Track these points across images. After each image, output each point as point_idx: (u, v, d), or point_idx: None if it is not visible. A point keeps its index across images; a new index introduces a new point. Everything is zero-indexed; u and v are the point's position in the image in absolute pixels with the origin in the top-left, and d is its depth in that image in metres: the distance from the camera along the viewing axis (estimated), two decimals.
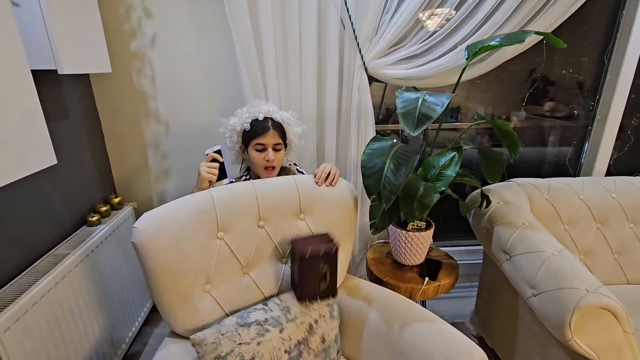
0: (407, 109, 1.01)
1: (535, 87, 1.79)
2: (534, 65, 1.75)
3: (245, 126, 1.17)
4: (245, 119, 1.17)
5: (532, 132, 1.93)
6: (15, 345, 0.88)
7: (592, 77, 1.75)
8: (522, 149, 1.95)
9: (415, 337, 0.95)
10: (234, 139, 1.20)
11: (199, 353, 0.85)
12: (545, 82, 1.81)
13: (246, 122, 1.17)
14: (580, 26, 1.67)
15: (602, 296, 0.94)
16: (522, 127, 1.90)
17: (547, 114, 1.87)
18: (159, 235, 0.88)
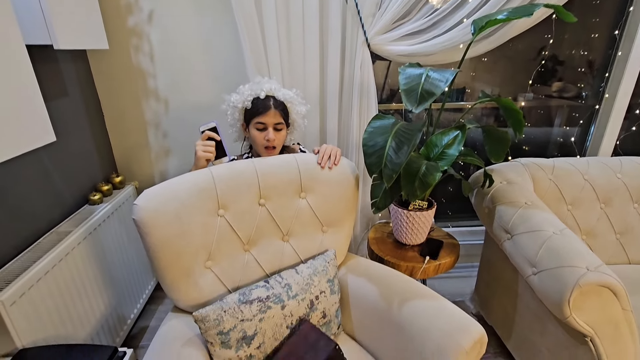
0: (410, 85, 0.98)
1: (543, 66, 1.74)
2: (543, 43, 1.69)
3: (247, 104, 1.14)
4: (247, 96, 1.14)
5: (539, 112, 1.89)
6: (21, 319, 0.90)
7: (602, 54, 1.70)
8: (528, 129, 1.93)
9: (415, 314, 0.96)
10: (236, 116, 1.18)
11: (201, 329, 0.87)
12: (554, 61, 1.76)
13: (247, 99, 1.14)
14: (590, 1, 1.61)
15: (603, 274, 0.94)
16: (529, 107, 1.86)
17: (554, 94, 1.83)
18: (160, 212, 0.88)
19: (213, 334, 0.87)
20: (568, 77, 1.78)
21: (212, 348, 0.87)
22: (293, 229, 1.11)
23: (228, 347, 0.88)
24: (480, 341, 0.88)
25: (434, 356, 0.87)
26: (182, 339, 0.88)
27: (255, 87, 1.15)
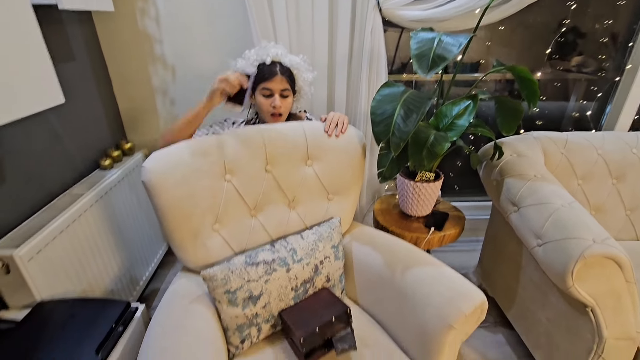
0: (422, 50, 0.95)
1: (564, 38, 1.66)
2: (564, 13, 1.61)
3: (252, 70, 1.12)
4: (252, 62, 1.12)
5: (555, 85, 1.83)
6: (39, 274, 0.95)
7: (627, 24, 1.61)
8: (542, 103, 1.87)
9: (417, 280, 0.98)
10: None
11: (209, 287, 0.90)
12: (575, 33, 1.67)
13: (253, 65, 1.12)
14: None
15: (609, 246, 0.94)
16: (545, 81, 1.79)
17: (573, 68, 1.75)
18: (168, 174, 0.90)
19: (220, 293, 0.90)
20: (589, 49, 1.70)
21: (220, 306, 0.91)
22: (299, 196, 1.12)
23: (235, 306, 0.91)
24: (481, 307, 0.90)
25: (434, 320, 0.89)
26: (190, 296, 0.92)
27: (261, 52, 1.12)
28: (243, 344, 0.95)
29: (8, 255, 0.88)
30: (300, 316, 0.94)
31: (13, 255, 0.88)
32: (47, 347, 0.78)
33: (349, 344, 0.91)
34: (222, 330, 0.93)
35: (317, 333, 0.89)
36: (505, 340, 1.45)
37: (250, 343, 0.97)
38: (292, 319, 0.93)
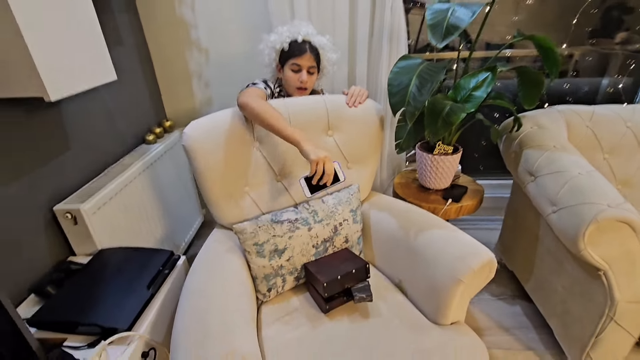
0: (436, 20, 1.00)
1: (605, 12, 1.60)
2: None
3: (285, 45, 1.20)
4: (285, 38, 1.20)
5: (589, 60, 1.77)
6: (100, 226, 1.11)
7: None
8: (576, 80, 1.82)
9: (430, 241, 1.05)
10: (272, 56, 1.24)
11: (240, 239, 1.03)
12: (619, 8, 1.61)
13: (285, 41, 1.20)
14: None
15: (624, 210, 0.95)
16: (581, 56, 1.74)
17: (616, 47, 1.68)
18: (204, 140, 1.02)
19: (250, 244, 1.02)
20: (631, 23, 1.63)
21: (249, 256, 1.03)
22: None
23: (262, 257, 1.03)
24: (489, 264, 0.95)
25: (444, 276, 0.96)
26: (225, 246, 1.05)
27: (293, 30, 1.20)
28: (270, 292, 1.07)
29: (76, 208, 1.05)
30: (323, 267, 1.04)
31: (80, 209, 1.04)
32: (108, 283, 0.94)
33: (367, 294, 1.00)
34: (251, 279, 1.05)
35: (338, 280, 0.98)
36: (522, 311, 1.48)
37: (276, 292, 1.09)
38: (316, 269, 1.03)
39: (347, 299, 1.03)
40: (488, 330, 1.41)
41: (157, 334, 0.93)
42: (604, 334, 1.04)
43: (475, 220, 2.05)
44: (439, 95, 1.26)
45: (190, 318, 0.80)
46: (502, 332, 1.40)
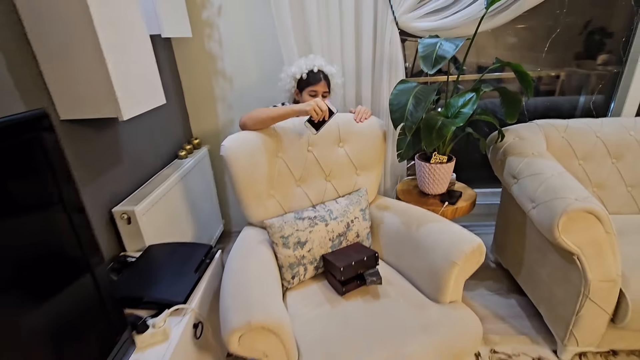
0: (426, 52, 1.24)
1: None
2: (557, 15, 1.81)
3: (303, 75, 1.45)
4: (304, 69, 1.45)
5: (563, 80, 2.01)
6: (147, 226, 1.31)
7: (624, 21, 1.78)
8: (551, 98, 2.06)
9: (428, 232, 1.24)
10: (292, 84, 1.49)
11: (269, 232, 1.22)
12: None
13: (304, 72, 1.45)
14: None
15: (588, 203, 1.15)
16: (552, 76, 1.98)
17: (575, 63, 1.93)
18: (238, 151, 1.24)
19: (277, 237, 1.21)
20: (590, 45, 1.88)
21: (277, 248, 1.22)
22: (333, 171, 1.42)
23: (287, 248, 1.22)
24: (479, 248, 1.13)
25: (441, 260, 1.14)
26: (256, 239, 1.24)
27: (309, 63, 1.46)
28: (293, 280, 1.25)
29: (131, 210, 1.25)
30: (339, 256, 1.23)
31: (134, 210, 1.25)
32: (161, 268, 1.13)
33: (377, 277, 1.18)
34: (278, 269, 1.24)
35: (352, 266, 1.17)
36: (516, 303, 1.64)
37: (299, 280, 1.27)
38: (333, 257, 1.22)
39: (360, 283, 1.21)
40: (486, 319, 1.57)
41: (202, 310, 1.11)
42: (583, 311, 1.21)
43: (472, 225, 2.24)
44: (433, 112, 1.49)
45: (235, 288, 0.98)
46: (499, 321, 1.56)
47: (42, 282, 0.66)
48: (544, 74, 1.95)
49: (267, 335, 0.91)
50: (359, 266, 1.19)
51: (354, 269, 1.18)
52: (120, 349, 0.83)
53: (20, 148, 0.62)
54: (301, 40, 1.65)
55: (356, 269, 1.18)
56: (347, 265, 1.16)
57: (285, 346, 0.94)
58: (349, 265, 1.17)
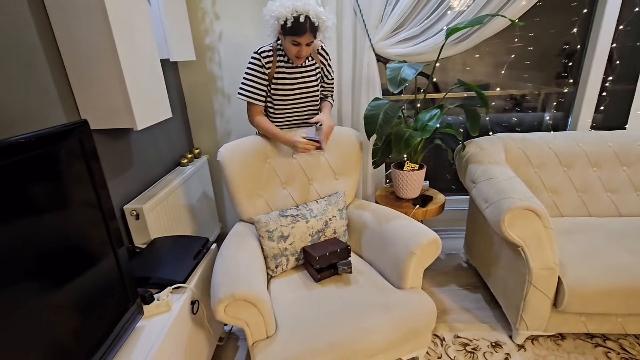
0: (393, 75, 1.47)
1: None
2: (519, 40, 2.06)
3: (288, 22, 1.31)
4: (288, 14, 1.30)
5: (526, 98, 2.24)
6: (153, 222, 1.51)
7: (573, 46, 2.03)
8: (519, 114, 2.28)
9: (394, 228, 1.43)
10: (275, 26, 1.38)
11: (257, 227, 1.42)
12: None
13: (289, 18, 1.30)
14: (567, 2, 1.96)
15: (528, 202, 1.35)
16: (517, 95, 2.22)
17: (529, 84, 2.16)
18: (232, 156, 1.46)
19: (263, 231, 1.41)
20: (553, 67, 2.12)
21: (263, 240, 1.42)
22: (315, 176, 1.63)
23: (272, 241, 1.42)
24: (435, 241, 1.33)
25: (403, 251, 1.34)
26: (246, 233, 1.44)
27: (297, 4, 1.29)
28: (277, 269, 1.44)
29: (140, 207, 1.46)
30: (316, 248, 1.42)
31: (142, 207, 1.45)
32: (165, 255, 1.33)
33: (348, 267, 1.37)
34: (263, 258, 1.43)
35: (327, 256, 1.36)
36: (482, 298, 1.82)
37: (282, 270, 1.46)
38: (311, 249, 1.41)
39: (334, 272, 1.40)
40: (453, 311, 1.74)
41: (199, 290, 1.30)
42: (529, 296, 1.39)
43: (449, 229, 2.43)
44: (403, 125, 1.72)
45: (224, 269, 1.18)
46: (464, 312, 1.73)
47: (80, 259, 0.86)
48: (505, 93, 2.17)
49: (248, 307, 1.10)
50: (333, 257, 1.38)
51: (328, 259, 1.37)
52: (131, 315, 1.02)
53: (67, 151, 0.83)
54: None
55: (330, 259, 1.38)
56: (322, 255, 1.36)
57: (264, 318, 1.13)
58: (324, 255, 1.36)
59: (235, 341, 1.63)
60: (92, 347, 0.86)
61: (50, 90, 1.15)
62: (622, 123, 2.07)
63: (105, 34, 1.15)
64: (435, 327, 1.64)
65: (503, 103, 2.24)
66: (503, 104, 2.24)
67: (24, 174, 0.70)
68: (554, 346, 1.49)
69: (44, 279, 0.74)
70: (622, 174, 1.78)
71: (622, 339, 1.52)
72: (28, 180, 0.71)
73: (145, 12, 1.34)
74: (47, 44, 1.15)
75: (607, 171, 1.79)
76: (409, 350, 1.31)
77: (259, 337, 1.15)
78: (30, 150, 0.72)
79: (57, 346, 0.77)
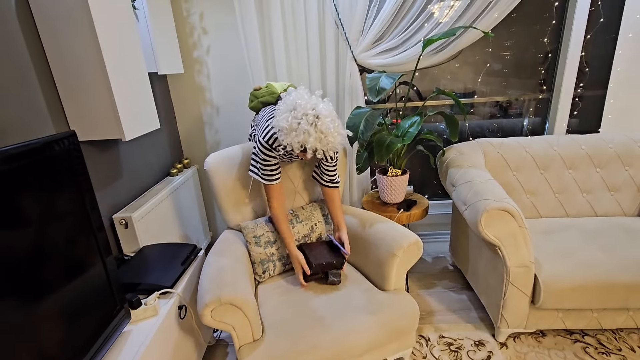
0: (372, 85, 1.54)
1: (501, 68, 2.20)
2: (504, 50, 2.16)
3: (294, 151, 1.20)
4: (296, 147, 1.18)
5: (505, 104, 2.33)
6: (142, 231, 1.54)
7: (548, 55, 2.13)
8: (500, 120, 2.37)
9: (376, 230, 1.48)
10: (280, 138, 1.21)
11: (244, 233, 1.46)
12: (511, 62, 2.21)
13: (297, 149, 1.19)
14: (539, 14, 2.06)
15: (503, 203, 1.41)
16: (500, 102, 2.31)
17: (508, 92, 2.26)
18: (219, 165, 1.50)
19: (250, 237, 1.45)
20: (529, 75, 2.22)
21: (250, 246, 1.46)
22: (301, 183, 1.68)
23: (259, 246, 1.46)
24: (416, 243, 1.38)
25: (385, 253, 1.38)
26: (233, 240, 1.48)
27: (307, 140, 1.15)
28: (264, 274, 1.48)
29: (128, 216, 1.49)
30: (314, 251, 1.42)
31: (131, 217, 1.48)
32: (153, 262, 1.36)
33: (337, 279, 1.38)
34: (251, 264, 1.47)
35: (322, 265, 1.36)
36: (467, 299, 1.87)
37: (269, 275, 1.49)
38: (308, 250, 1.42)
39: (322, 278, 1.43)
40: (439, 312, 1.78)
41: (187, 296, 1.32)
42: (507, 294, 1.44)
43: (435, 234, 2.48)
44: (384, 132, 1.78)
45: (210, 274, 1.21)
46: (450, 312, 1.77)
47: (69, 266, 0.89)
48: (483, 100, 2.26)
49: (234, 311, 1.14)
50: (327, 267, 1.39)
51: (322, 268, 1.38)
52: (119, 320, 1.05)
53: (56, 162, 0.87)
54: (272, 74, 1.96)
55: (324, 269, 1.39)
56: (318, 264, 1.37)
57: (250, 322, 1.16)
58: (320, 264, 1.37)
59: (225, 347, 1.65)
60: (79, 351, 0.89)
61: (39, 101, 1.19)
62: (596, 127, 2.16)
63: (93, 47, 1.20)
64: (420, 328, 1.67)
65: (487, 110, 2.33)
66: (487, 110, 2.33)
67: (13, 183, 0.74)
68: (535, 343, 1.54)
69: (31, 286, 0.77)
70: (596, 175, 1.86)
71: (600, 334, 1.57)
72: (17, 190, 0.75)
73: (132, 26, 1.40)
74: (36, 57, 1.19)
75: (581, 173, 1.87)
76: (394, 350, 1.35)
77: (246, 340, 1.18)
78: (20, 161, 0.76)
79: (44, 350, 0.79)
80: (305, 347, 1.15)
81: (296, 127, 1.17)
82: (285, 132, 1.19)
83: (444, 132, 2.35)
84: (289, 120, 1.18)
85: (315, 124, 1.16)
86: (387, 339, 1.27)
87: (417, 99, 2.25)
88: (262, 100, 1.58)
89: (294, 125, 1.17)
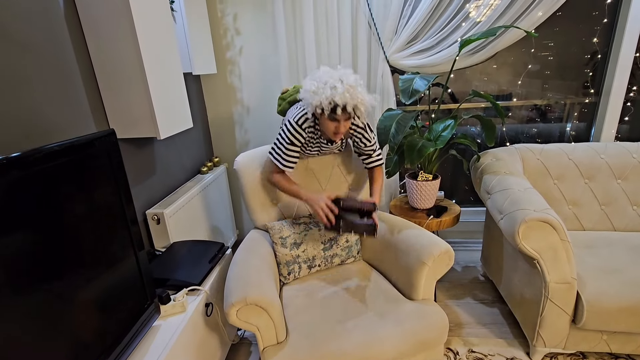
0: (405, 86, 1.49)
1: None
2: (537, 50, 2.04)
3: (326, 111, 1.22)
4: (326, 103, 1.20)
5: (547, 108, 2.20)
6: (173, 226, 1.58)
7: (597, 55, 1.98)
8: (539, 125, 2.24)
9: (405, 237, 1.44)
10: (309, 108, 1.27)
11: (270, 233, 1.46)
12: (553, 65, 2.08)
13: (326, 107, 1.21)
14: (588, 12, 1.93)
15: (544, 214, 1.32)
16: (545, 105, 2.18)
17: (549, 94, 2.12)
18: (248, 165, 1.51)
19: (277, 238, 1.45)
20: (575, 77, 2.07)
21: (276, 247, 1.46)
22: (329, 185, 1.66)
23: (285, 247, 1.45)
24: (447, 252, 1.32)
25: (414, 261, 1.34)
26: (260, 240, 1.48)
27: (335, 96, 1.18)
28: (289, 276, 1.47)
29: (161, 212, 1.53)
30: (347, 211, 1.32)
31: (164, 212, 1.53)
32: (183, 259, 1.39)
33: (372, 230, 1.26)
34: (276, 265, 1.46)
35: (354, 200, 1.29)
36: (499, 312, 1.77)
37: (294, 277, 1.48)
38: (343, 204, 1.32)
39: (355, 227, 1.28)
40: (469, 325, 1.71)
41: (213, 294, 1.34)
42: (545, 312, 1.35)
43: (465, 242, 2.38)
44: (416, 135, 1.73)
45: (237, 274, 1.22)
46: (480, 326, 1.69)
47: (105, 257, 0.92)
48: (523, 103, 2.14)
49: (259, 312, 1.13)
50: (357, 204, 1.29)
51: (354, 204, 1.29)
52: (149, 314, 1.08)
53: (96, 157, 0.91)
54: (302, 75, 1.96)
55: (355, 205, 1.29)
56: (347, 198, 1.30)
57: (274, 323, 1.16)
58: (350, 198, 1.31)
59: (248, 346, 1.66)
60: (112, 342, 0.92)
61: (83, 101, 1.25)
62: None
63: (133, 48, 1.24)
64: (449, 341, 1.61)
65: (523, 113, 2.21)
66: (523, 114, 2.21)
67: (57, 178, 0.77)
68: None
69: (71, 274, 0.80)
70: None
71: None
72: (61, 184, 0.78)
73: (170, 30, 1.43)
74: (82, 60, 1.25)
75: (632, 184, 1.72)
76: None
77: (270, 342, 1.18)
78: (64, 157, 0.80)
79: (78, 340, 0.82)
80: (329, 353, 1.13)
81: (323, 85, 1.22)
82: (313, 92, 1.23)
83: (476, 136, 2.25)
84: (315, 84, 1.23)
85: (342, 79, 1.21)
86: (414, 351, 1.22)
87: (449, 101, 2.18)
88: (289, 100, 1.58)
89: (320, 85, 1.22)
